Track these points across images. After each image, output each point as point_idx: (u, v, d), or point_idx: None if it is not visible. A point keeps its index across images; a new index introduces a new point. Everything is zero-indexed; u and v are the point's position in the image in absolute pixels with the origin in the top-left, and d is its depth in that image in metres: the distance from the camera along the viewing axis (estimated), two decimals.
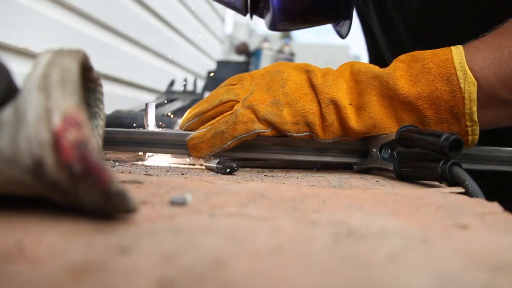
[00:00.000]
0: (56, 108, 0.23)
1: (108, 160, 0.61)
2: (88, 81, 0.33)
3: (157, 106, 1.01)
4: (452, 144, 0.43)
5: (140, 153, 0.63)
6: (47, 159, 0.22)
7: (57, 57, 0.25)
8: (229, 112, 0.54)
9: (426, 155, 0.51)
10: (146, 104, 0.59)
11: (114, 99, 1.35)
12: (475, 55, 0.49)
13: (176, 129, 0.61)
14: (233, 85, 0.58)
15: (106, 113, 0.37)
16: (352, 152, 0.57)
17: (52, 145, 0.22)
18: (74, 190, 0.23)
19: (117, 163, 0.56)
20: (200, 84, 1.79)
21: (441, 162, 0.43)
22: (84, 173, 0.22)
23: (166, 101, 1.08)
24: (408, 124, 0.50)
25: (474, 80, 0.48)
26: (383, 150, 0.53)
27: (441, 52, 0.51)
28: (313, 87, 0.53)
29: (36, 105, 0.23)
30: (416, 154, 0.53)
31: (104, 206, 0.23)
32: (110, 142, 0.57)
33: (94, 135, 0.34)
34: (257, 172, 0.55)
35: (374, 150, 0.54)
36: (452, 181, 0.43)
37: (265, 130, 0.53)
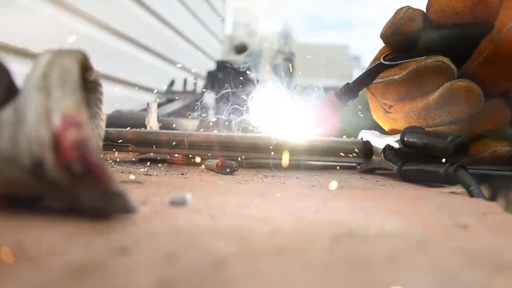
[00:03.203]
0: (56, 108, 0.23)
1: (108, 160, 0.61)
2: (88, 81, 0.33)
3: (157, 106, 1.01)
4: (458, 146, 0.42)
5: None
6: (47, 159, 0.22)
7: (57, 57, 0.25)
8: None
9: (430, 156, 0.51)
10: (148, 104, 0.59)
11: (114, 99, 1.35)
12: None
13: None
14: None
15: (106, 113, 0.37)
16: (355, 153, 0.57)
17: (52, 145, 0.22)
18: (74, 190, 0.23)
19: (117, 163, 0.56)
20: (200, 84, 1.79)
21: (447, 165, 0.43)
22: (84, 173, 0.22)
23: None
24: (413, 126, 0.50)
25: None
26: (387, 150, 0.53)
27: None
28: None
29: (36, 105, 0.23)
30: (421, 155, 0.53)
31: (104, 206, 0.23)
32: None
33: (94, 136, 0.34)
34: (257, 172, 0.55)
35: (378, 150, 0.54)
36: (457, 184, 0.43)
37: None
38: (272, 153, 0.56)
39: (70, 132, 0.22)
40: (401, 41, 0.52)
